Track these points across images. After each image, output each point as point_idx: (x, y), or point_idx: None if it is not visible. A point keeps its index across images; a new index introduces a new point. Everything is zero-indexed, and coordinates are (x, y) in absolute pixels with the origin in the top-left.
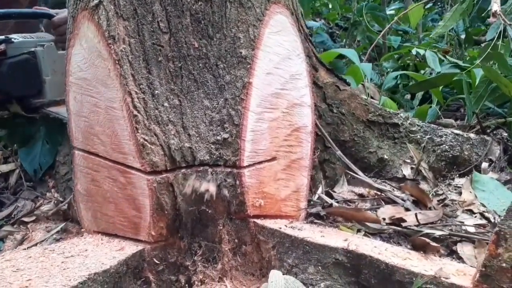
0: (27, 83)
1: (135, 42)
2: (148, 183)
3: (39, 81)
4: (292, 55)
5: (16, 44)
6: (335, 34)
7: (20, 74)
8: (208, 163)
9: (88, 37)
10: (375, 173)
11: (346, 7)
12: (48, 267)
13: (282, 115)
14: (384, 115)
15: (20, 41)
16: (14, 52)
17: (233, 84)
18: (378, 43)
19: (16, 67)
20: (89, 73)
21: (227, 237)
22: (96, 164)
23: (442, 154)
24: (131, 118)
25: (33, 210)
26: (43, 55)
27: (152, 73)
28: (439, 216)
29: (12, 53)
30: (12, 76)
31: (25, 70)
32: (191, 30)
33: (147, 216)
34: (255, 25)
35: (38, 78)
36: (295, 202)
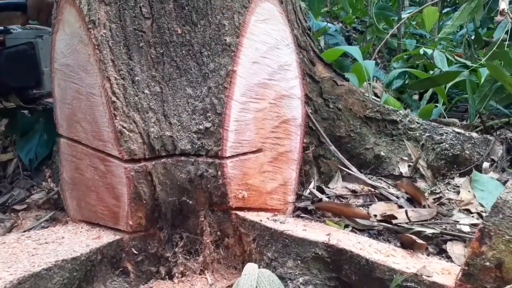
0: (25, 74)
1: (116, 27)
2: (125, 171)
3: (38, 72)
4: (280, 44)
5: (15, 34)
6: (352, 37)
7: (18, 64)
8: (190, 152)
9: (70, 22)
10: (371, 170)
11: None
12: (17, 253)
13: (269, 106)
14: (382, 112)
15: (19, 32)
16: (13, 42)
17: (217, 72)
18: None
19: (14, 57)
20: (71, 59)
21: (209, 229)
22: (79, 152)
23: (442, 153)
24: (109, 104)
25: (24, 198)
26: (42, 46)
27: (133, 59)
28: (432, 215)
29: (11, 44)
30: (10, 67)
31: (23, 61)
32: (174, 16)
33: (125, 205)
34: (240, 12)
35: (36, 69)
36: (282, 196)
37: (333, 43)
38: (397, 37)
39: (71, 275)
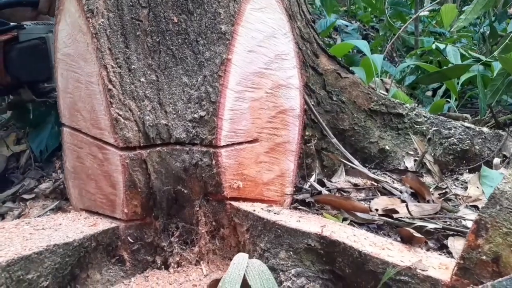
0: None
1: (114, 16)
2: (120, 159)
3: (49, 66)
4: (277, 33)
5: (27, 30)
6: (370, 36)
7: (30, 59)
8: (184, 141)
9: (71, 12)
10: (376, 164)
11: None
12: (13, 237)
13: (266, 96)
14: (387, 105)
15: (31, 27)
16: (26, 37)
17: (212, 60)
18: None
19: (25, 52)
20: (72, 48)
21: (204, 219)
22: (80, 141)
23: (450, 148)
24: (106, 92)
25: (33, 188)
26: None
27: (129, 47)
28: (436, 210)
29: (23, 39)
30: (23, 61)
31: (35, 55)
32: (171, 4)
33: (120, 193)
34: (235, 0)
35: (48, 63)
36: (279, 187)
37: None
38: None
39: (62, 260)
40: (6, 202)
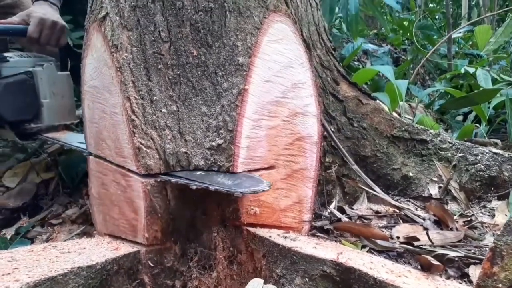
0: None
1: (137, 50)
2: (142, 185)
3: (36, 104)
4: (294, 63)
5: (11, 63)
6: (401, 59)
7: (15, 96)
8: (203, 168)
9: (97, 47)
10: (400, 191)
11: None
12: (40, 259)
13: (283, 123)
14: (410, 131)
15: (16, 60)
16: (9, 71)
17: (230, 91)
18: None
19: (11, 88)
20: (98, 81)
21: (222, 245)
22: (105, 168)
23: (477, 174)
24: (129, 122)
25: (60, 213)
26: (42, 76)
27: (152, 80)
28: (459, 238)
29: (7, 73)
30: (7, 99)
31: (22, 92)
32: (191, 39)
33: (142, 218)
34: (252, 33)
35: (35, 101)
36: (297, 214)
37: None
38: (447, 57)
39: (85, 282)
40: (35, 226)
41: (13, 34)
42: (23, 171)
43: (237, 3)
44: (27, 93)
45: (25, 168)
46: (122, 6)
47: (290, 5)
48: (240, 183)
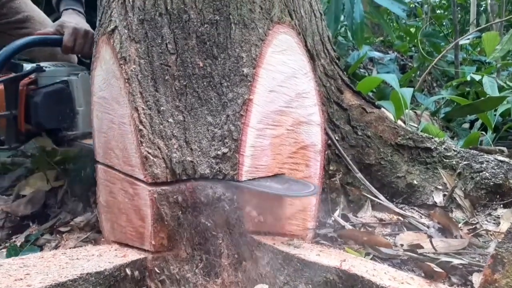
0: (61, 114)
1: (145, 62)
2: (149, 193)
3: (72, 112)
4: (298, 73)
5: (48, 73)
6: (407, 66)
7: (54, 104)
8: (208, 176)
9: (106, 59)
10: (404, 199)
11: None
12: (51, 266)
13: (287, 132)
14: (415, 139)
15: (52, 69)
16: (46, 81)
17: (235, 101)
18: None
19: (50, 97)
20: (107, 92)
21: (227, 252)
22: (113, 177)
23: (482, 182)
24: (137, 132)
25: (69, 221)
26: (77, 85)
27: (159, 91)
28: (463, 245)
29: (44, 83)
30: (46, 107)
31: (59, 101)
32: (197, 50)
33: (149, 226)
34: (257, 45)
35: (71, 109)
36: (301, 222)
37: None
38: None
39: None
40: (44, 234)
41: (50, 44)
42: (35, 180)
43: (242, 15)
44: (64, 102)
45: (37, 178)
46: (131, 19)
47: (294, 17)
48: (289, 187)
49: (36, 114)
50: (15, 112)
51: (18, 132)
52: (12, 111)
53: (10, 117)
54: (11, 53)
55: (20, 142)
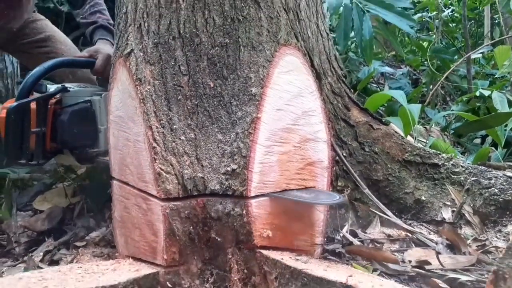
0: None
1: (159, 83)
2: (162, 209)
3: (95, 130)
4: (304, 92)
5: (72, 93)
6: (420, 80)
7: (78, 123)
8: (218, 192)
9: (122, 80)
10: (413, 215)
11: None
12: (67, 279)
13: (294, 149)
14: (422, 155)
15: (75, 90)
16: (70, 101)
17: (243, 119)
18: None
19: (75, 116)
20: (122, 111)
21: (237, 267)
22: (127, 193)
23: (491, 198)
24: (150, 149)
25: (84, 236)
26: (100, 104)
27: (172, 110)
28: (472, 262)
29: (68, 102)
30: (72, 126)
31: (83, 120)
32: (208, 72)
33: (161, 240)
34: (264, 66)
35: (94, 127)
36: (309, 237)
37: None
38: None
39: None
40: (60, 249)
41: (83, 66)
42: (52, 196)
43: (250, 38)
44: (87, 120)
45: (55, 193)
46: (146, 43)
47: (300, 38)
48: (316, 196)
49: (62, 131)
50: (44, 129)
51: (44, 149)
52: (42, 128)
53: (40, 134)
54: (43, 73)
55: (46, 159)
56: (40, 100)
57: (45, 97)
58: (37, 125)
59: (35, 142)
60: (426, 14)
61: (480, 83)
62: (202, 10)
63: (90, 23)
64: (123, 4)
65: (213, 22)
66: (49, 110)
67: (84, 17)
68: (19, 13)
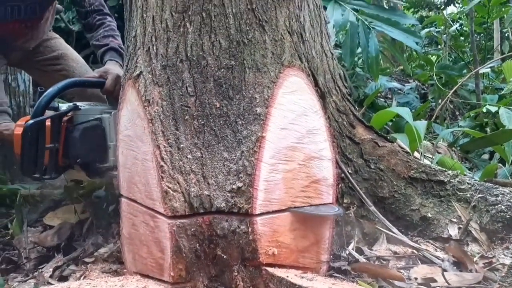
0: (95, 148)
1: (167, 104)
2: (168, 226)
3: (104, 146)
4: (308, 112)
5: (83, 111)
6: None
7: (89, 140)
8: (224, 210)
9: (131, 101)
10: (419, 232)
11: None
12: None
13: (299, 167)
14: (428, 172)
15: (86, 108)
16: (81, 118)
17: (249, 138)
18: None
19: (86, 133)
20: (131, 131)
21: (242, 284)
22: (135, 210)
23: (498, 215)
24: (158, 168)
25: (93, 252)
26: (110, 122)
27: (179, 129)
28: (478, 279)
29: (79, 120)
30: (83, 142)
31: (94, 136)
32: (214, 92)
33: (168, 257)
34: (269, 87)
35: (104, 143)
36: (314, 254)
37: (404, 102)
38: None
39: None
40: (70, 265)
41: (94, 86)
42: (62, 212)
43: (255, 60)
44: (97, 137)
45: (65, 210)
46: (154, 65)
47: (304, 60)
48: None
49: (74, 148)
50: (57, 145)
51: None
52: (55, 144)
53: (54, 150)
54: (57, 93)
55: (59, 173)
56: (54, 118)
57: (58, 115)
58: (51, 141)
59: (48, 158)
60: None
61: (489, 98)
62: (209, 34)
63: (102, 45)
64: (132, 28)
65: (219, 45)
66: (62, 127)
67: (97, 39)
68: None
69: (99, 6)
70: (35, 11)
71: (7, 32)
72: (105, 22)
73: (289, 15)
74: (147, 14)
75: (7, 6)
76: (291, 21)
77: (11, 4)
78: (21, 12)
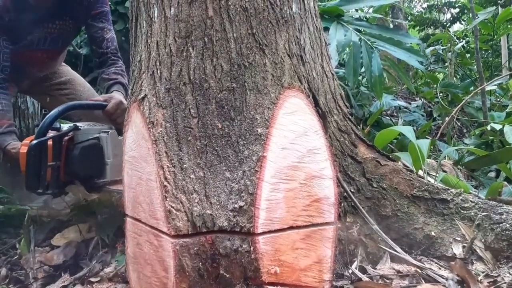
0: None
1: (170, 125)
2: (172, 245)
3: (102, 163)
4: (308, 132)
5: (82, 131)
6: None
7: (88, 157)
8: (226, 229)
9: (136, 123)
10: (422, 251)
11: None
12: None
13: (300, 186)
14: (430, 191)
15: (86, 128)
16: (81, 138)
17: (250, 158)
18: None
19: (85, 151)
20: (136, 152)
21: None
22: (140, 229)
23: (503, 233)
24: (162, 188)
25: (98, 271)
26: (107, 140)
27: (182, 150)
28: None
29: (79, 139)
30: (82, 159)
31: (92, 154)
32: (216, 114)
33: (171, 276)
34: (269, 108)
35: (101, 161)
36: (317, 273)
37: (410, 120)
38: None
39: None
40: (76, 284)
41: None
42: (68, 232)
43: (256, 83)
44: (96, 155)
45: (71, 230)
46: (158, 88)
47: (304, 81)
48: None
49: (74, 164)
50: (59, 163)
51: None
52: (57, 162)
53: (55, 167)
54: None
55: (60, 189)
56: (55, 138)
57: (60, 135)
58: (53, 159)
59: (51, 174)
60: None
61: (496, 115)
62: (211, 58)
63: (111, 79)
64: (137, 52)
65: (221, 69)
66: (63, 146)
67: (107, 74)
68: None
69: (114, 50)
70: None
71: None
72: (117, 63)
73: (288, 38)
74: (151, 40)
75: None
76: (291, 44)
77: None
78: (46, 43)
